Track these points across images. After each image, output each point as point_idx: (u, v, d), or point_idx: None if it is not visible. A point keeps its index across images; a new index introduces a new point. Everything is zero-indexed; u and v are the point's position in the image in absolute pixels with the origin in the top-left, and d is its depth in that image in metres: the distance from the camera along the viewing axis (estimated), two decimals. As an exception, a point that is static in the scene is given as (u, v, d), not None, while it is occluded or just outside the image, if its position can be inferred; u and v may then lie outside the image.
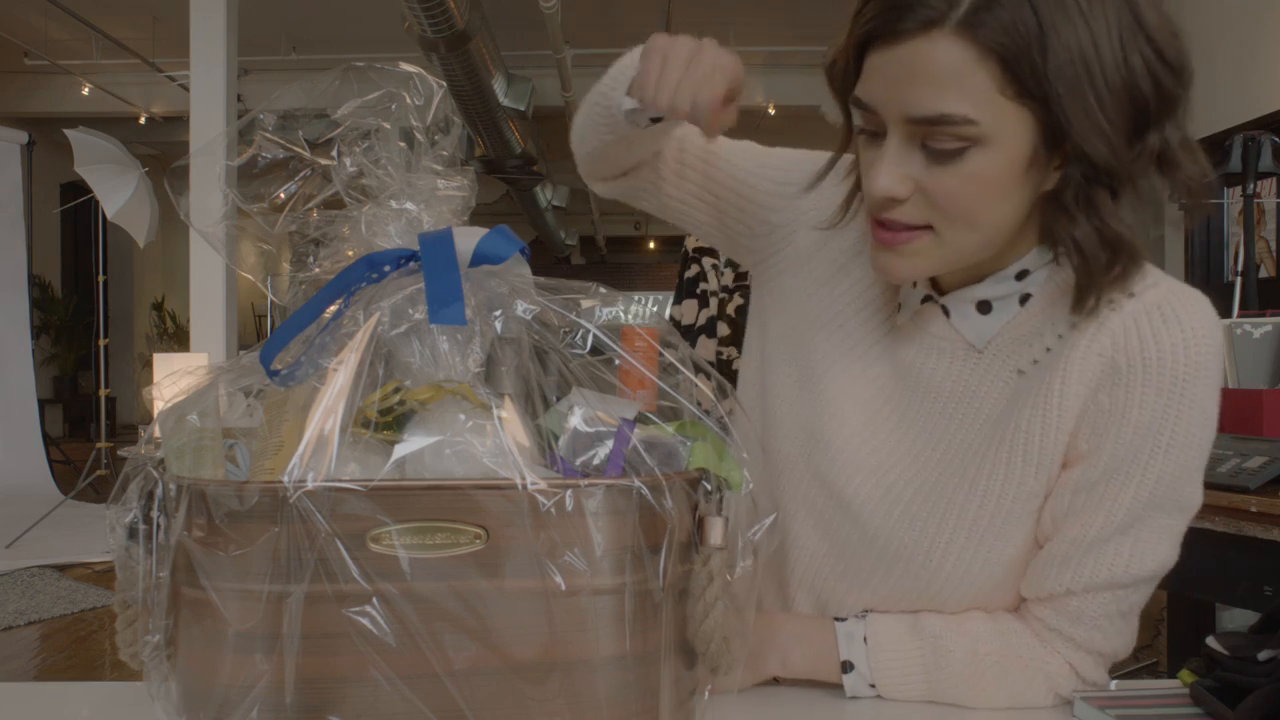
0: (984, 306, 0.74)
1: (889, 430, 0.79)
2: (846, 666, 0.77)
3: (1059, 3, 0.59)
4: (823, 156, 0.83)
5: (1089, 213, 0.65)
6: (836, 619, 0.80)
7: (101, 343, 6.30)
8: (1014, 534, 0.74)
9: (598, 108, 0.83)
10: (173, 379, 0.67)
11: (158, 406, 0.65)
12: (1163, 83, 0.62)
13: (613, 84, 0.82)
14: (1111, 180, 0.64)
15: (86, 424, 9.15)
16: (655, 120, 0.78)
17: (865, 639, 0.77)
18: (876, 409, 0.80)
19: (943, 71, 0.61)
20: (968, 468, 0.75)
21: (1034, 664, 0.75)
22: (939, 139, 0.63)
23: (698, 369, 0.66)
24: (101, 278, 6.27)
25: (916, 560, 0.76)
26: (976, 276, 0.74)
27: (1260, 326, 2.02)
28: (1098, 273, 0.67)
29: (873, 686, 0.77)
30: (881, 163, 0.66)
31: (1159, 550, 0.72)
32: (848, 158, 0.79)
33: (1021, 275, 0.74)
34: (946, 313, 0.76)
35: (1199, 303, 0.71)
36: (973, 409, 0.75)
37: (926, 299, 0.77)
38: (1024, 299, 0.74)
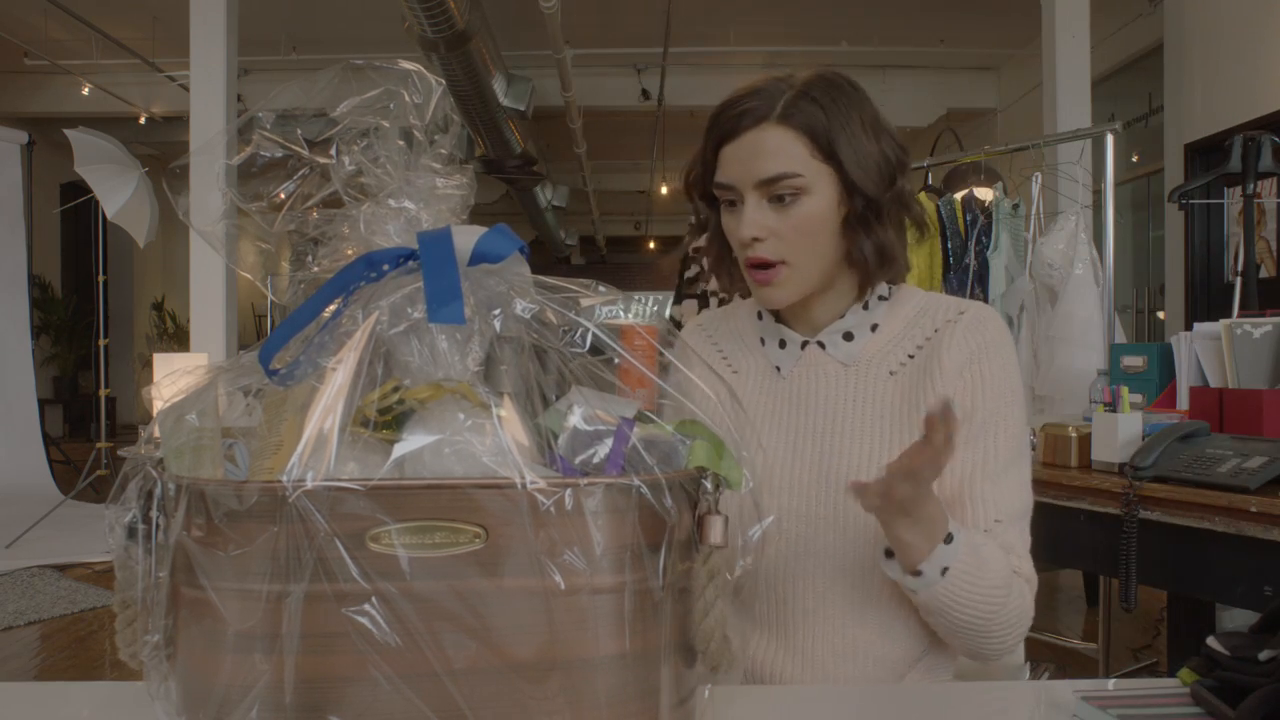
0: (848, 336, 1.04)
1: (785, 446, 1.01)
2: (949, 538, 0.86)
3: (838, 111, 0.94)
4: None
5: (868, 230, 0.98)
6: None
7: (101, 343, 6.30)
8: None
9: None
10: (172, 379, 0.67)
11: (157, 406, 0.65)
12: (898, 156, 0.98)
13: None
14: (878, 211, 0.97)
15: (86, 424, 9.15)
16: None
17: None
18: (775, 432, 1.03)
19: (774, 147, 0.93)
20: (873, 453, 0.97)
21: (1014, 580, 0.90)
22: (779, 190, 0.94)
23: (697, 368, 0.66)
24: (101, 278, 6.26)
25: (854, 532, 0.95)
26: (839, 314, 1.04)
27: (1260, 327, 2.01)
28: (874, 273, 1.00)
29: (945, 571, 0.86)
30: (743, 216, 0.96)
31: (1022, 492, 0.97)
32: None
33: (866, 307, 1.04)
34: (822, 346, 1.05)
35: (989, 311, 1.04)
36: (856, 406, 1.02)
37: (806, 344, 1.05)
38: (874, 327, 1.04)
